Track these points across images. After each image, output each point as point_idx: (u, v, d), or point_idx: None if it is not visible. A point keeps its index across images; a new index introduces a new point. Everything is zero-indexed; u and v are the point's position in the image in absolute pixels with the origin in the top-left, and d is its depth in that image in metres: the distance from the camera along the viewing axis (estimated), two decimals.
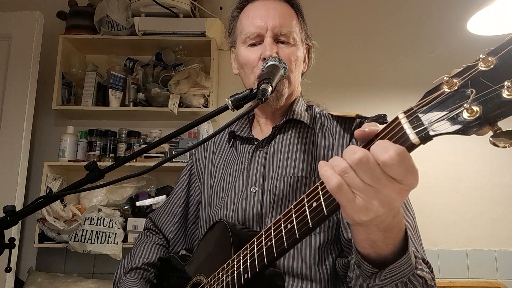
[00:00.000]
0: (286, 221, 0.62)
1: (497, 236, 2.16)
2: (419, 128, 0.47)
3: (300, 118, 0.96)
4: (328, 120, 0.98)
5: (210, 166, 1.05)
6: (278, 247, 0.62)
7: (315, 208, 0.56)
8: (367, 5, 2.40)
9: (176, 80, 2.10)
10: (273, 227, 0.65)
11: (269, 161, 0.93)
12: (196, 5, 2.23)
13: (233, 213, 0.90)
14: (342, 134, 0.93)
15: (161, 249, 1.06)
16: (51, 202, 0.83)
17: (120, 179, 0.76)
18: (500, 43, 0.43)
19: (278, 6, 0.94)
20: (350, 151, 0.50)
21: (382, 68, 2.35)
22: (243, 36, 0.94)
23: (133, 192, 2.13)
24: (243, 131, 1.01)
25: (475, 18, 1.80)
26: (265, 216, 0.88)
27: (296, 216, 0.60)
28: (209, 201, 1.01)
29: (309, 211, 0.57)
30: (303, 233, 0.59)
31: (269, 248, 0.64)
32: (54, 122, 2.33)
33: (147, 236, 1.11)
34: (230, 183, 0.96)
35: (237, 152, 1.00)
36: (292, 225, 0.60)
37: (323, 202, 0.55)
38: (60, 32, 2.21)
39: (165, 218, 1.08)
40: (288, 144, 0.94)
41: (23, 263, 2.15)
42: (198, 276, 0.86)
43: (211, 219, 0.96)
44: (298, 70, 0.97)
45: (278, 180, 0.90)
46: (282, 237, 0.62)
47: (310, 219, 0.57)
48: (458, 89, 0.45)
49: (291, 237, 0.60)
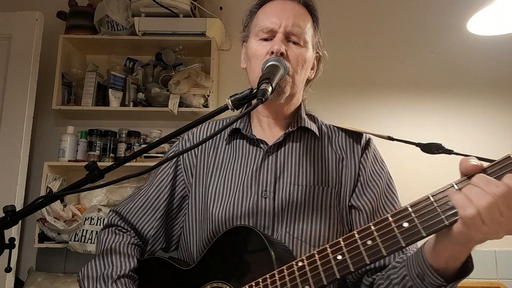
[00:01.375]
0: (335, 252, 0.66)
1: None
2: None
3: (310, 127, 0.98)
4: (334, 132, 1.00)
5: (202, 163, 1.00)
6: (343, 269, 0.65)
7: (372, 247, 0.62)
8: (367, 5, 2.40)
9: (176, 80, 2.10)
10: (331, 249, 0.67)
11: (281, 167, 0.93)
12: (196, 5, 2.22)
13: (244, 217, 0.89)
14: (352, 148, 0.96)
15: (137, 249, 0.96)
16: (51, 202, 0.83)
17: (120, 179, 0.76)
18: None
19: (295, 7, 0.96)
20: (491, 183, 0.56)
21: (382, 68, 2.35)
22: (256, 29, 0.96)
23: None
24: (245, 129, 0.99)
25: (475, 18, 1.80)
26: (277, 222, 0.88)
27: (349, 250, 0.64)
28: (203, 200, 0.96)
29: (364, 248, 0.63)
30: (357, 267, 0.63)
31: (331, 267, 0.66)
32: (54, 122, 2.33)
33: (116, 234, 0.96)
34: (234, 184, 0.94)
35: (238, 151, 0.98)
36: (347, 256, 0.64)
37: (380, 244, 0.61)
38: (60, 32, 2.20)
39: (144, 213, 0.98)
40: (299, 152, 0.95)
41: (23, 263, 2.15)
42: (216, 282, 0.81)
43: (211, 219, 0.92)
44: (304, 72, 0.97)
45: (291, 187, 0.90)
46: (347, 259, 0.65)
47: (367, 256, 0.62)
48: None
49: (355, 263, 0.64)
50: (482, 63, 2.30)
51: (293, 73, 0.91)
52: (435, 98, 2.30)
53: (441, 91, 2.30)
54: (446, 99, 2.30)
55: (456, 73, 2.32)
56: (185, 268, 0.89)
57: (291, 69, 0.91)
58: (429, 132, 2.24)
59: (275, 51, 0.89)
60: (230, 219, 0.90)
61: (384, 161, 1.00)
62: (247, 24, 1.02)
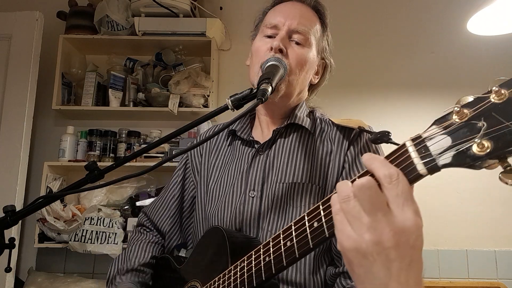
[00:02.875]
0: (285, 238, 0.61)
1: (497, 236, 2.15)
2: (427, 159, 0.45)
3: (302, 123, 0.96)
4: (329, 126, 0.97)
5: (206, 163, 1.04)
6: (277, 264, 0.62)
7: (316, 229, 0.55)
8: (367, 6, 2.40)
9: (176, 80, 2.10)
10: (272, 243, 0.64)
11: (269, 166, 0.93)
12: (196, 5, 2.23)
13: (231, 217, 0.90)
14: (341, 141, 0.92)
15: (156, 247, 1.04)
16: (51, 202, 0.83)
17: (120, 179, 0.76)
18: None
19: (303, 9, 0.96)
20: (356, 181, 0.48)
21: (382, 68, 2.35)
22: (262, 26, 0.97)
23: (133, 192, 2.13)
24: (243, 132, 1.00)
25: (475, 18, 1.80)
26: (262, 221, 0.88)
27: (297, 235, 0.59)
28: (204, 199, 1.00)
29: (310, 231, 0.56)
30: (303, 253, 0.58)
31: (267, 264, 0.64)
32: (54, 122, 2.33)
33: (141, 233, 1.08)
34: (228, 185, 0.95)
35: (235, 153, 0.99)
36: (292, 243, 0.59)
37: (324, 224, 0.54)
38: (60, 32, 2.21)
39: (161, 212, 1.06)
40: (288, 150, 0.94)
41: (23, 263, 2.15)
42: (193, 281, 0.86)
43: (207, 219, 0.96)
44: (304, 73, 0.95)
45: (276, 185, 0.89)
46: (281, 254, 0.61)
47: (311, 239, 0.56)
48: (468, 120, 0.43)
49: (290, 255, 0.60)
50: (482, 63, 2.30)
51: (290, 72, 0.90)
52: (435, 98, 2.30)
53: (441, 91, 2.30)
54: (446, 99, 2.29)
55: (456, 73, 2.32)
56: (178, 267, 0.95)
57: (288, 67, 0.89)
58: None
59: (274, 47, 0.88)
60: (220, 219, 0.92)
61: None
62: (257, 24, 1.03)
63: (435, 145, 0.45)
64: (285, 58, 0.89)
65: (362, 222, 0.46)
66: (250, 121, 1.04)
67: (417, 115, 2.28)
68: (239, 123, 1.02)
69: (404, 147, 0.48)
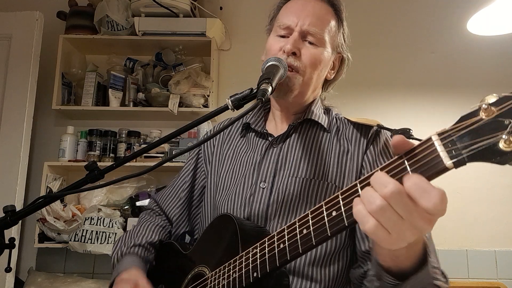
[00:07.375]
0: (301, 226, 0.62)
1: (497, 236, 2.16)
2: (453, 153, 0.46)
3: (318, 119, 0.96)
4: (345, 125, 0.97)
5: (218, 153, 1.05)
6: (292, 250, 0.63)
7: (335, 218, 0.57)
8: (367, 6, 2.40)
9: (176, 80, 2.10)
10: (287, 230, 0.65)
11: (282, 159, 0.93)
12: (196, 5, 2.23)
13: (240, 206, 0.91)
14: (359, 140, 0.92)
15: (163, 232, 1.06)
16: (51, 202, 0.83)
17: (120, 179, 0.76)
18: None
19: (317, 6, 0.94)
20: (380, 182, 0.50)
21: (382, 68, 2.35)
22: (275, 25, 0.97)
23: (133, 192, 2.13)
24: (257, 124, 1.01)
25: (475, 18, 1.80)
26: (270, 213, 0.88)
27: (313, 223, 0.60)
28: (214, 189, 1.01)
29: (328, 219, 0.58)
30: (320, 240, 0.59)
31: (282, 250, 0.65)
32: (54, 122, 2.33)
33: (150, 216, 1.10)
34: (239, 176, 0.96)
35: (249, 145, 1.00)
36: (309, 231, 0.61)
37: (344, 213, 0.56)
38: (60, 32, 2.21)
39: (170, 201, 1.08)
40: (302, 145, 0.94)
41: (23, 263, 2.15)
42: (201, 267, 0.86)
43: (217, 208, 0.97)
44: (318, 73, 0.95)
45: (289, 179, 0.90)
46: (297, 241, 0.62)
47: (329, 227, 0.58)
48: (495, 117, 0.44)
49: (306, 242, 0.61)
50: (482, 63, 2.30)
51: (304, 72, 0.91)
52: (435, 98, 2.30)
53: (441, 91, 2.30)
54: (446, 99, 2.30)
55: (456, 73, 2.32)
56: (184, 252, 0.96)
57: (302, 68, 0.90)
58: (429, 132, 2.23)
59: (287, 50, 0.89)
60: (229, 208, 0.92)
61: None
62: (272, 18, 1.02)
63: (461, 139, 0.46)
64: (298, 59, 0.90)
65: (402, 225, 0.50)
66: (264, 115, 1.04)
67: (416, 114, 2.28)
68: (253, 116, 1.03)
69: (430, 140, 0.50)
